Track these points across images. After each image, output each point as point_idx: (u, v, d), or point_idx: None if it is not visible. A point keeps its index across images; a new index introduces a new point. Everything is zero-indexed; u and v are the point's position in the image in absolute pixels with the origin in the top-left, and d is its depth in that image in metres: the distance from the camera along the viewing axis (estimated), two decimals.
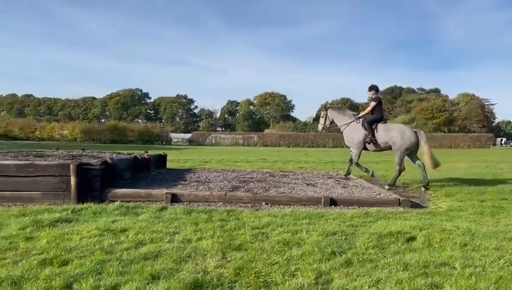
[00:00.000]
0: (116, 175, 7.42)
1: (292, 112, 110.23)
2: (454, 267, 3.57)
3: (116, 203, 6.05)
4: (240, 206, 6.32)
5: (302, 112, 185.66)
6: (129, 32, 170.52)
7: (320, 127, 10.16)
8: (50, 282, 3.01)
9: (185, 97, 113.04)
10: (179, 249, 3.88)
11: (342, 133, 9.76)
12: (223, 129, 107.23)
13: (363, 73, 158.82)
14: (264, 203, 6.51)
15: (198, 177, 9.10)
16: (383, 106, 9.69)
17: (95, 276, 3.15)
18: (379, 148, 9.20)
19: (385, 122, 9.44)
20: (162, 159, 11.50)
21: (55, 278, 3.06)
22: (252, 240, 4.28)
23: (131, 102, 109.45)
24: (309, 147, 58.52)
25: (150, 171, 9.76)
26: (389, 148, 9.19)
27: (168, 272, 3.28)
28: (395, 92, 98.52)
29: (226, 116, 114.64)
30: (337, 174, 10.22)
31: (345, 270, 3.45)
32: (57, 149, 12.04)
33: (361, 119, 9.39)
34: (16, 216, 5.08)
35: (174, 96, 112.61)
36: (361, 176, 10.08)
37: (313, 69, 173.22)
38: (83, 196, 6.28)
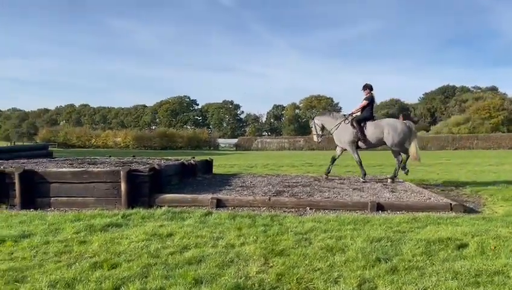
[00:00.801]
0: (164, 181, 7.65)
1: None
2: (508, 276, 3.37)
3: (163, 208, 6.25)
4: (284, 211, 6.31)
5: None
6: (177, 41, 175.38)
7: (315, 138, 10.19)
8: (100, 284, 3.16)
9: (232, 103, 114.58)
10: (222, 254, 3.94)
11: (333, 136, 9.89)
12: (269, 134, 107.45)
13: (414, 72, 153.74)
14: (308, 208, 6.46)
15: (243, 182, 9.19)
16: (374, 106, 9.76)
17: (141, 279, 3.27)
18: (371, 145, 9.36)
19: (374, 120, 9.51)
20: (208, 164, 11.72)
21: (104, 281, 3.21)
22: (295, 245, 4.27)
23: (180, 109, 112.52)
24: None
25: (196, 177, 9.97)
26: (382, 143, 9.32)
27: (211, 277, 3.34)
28: (448, 92, 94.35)
29: (271, 120, 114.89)
30: (385, 178, 9.95)
31: (390, 277, 3.35)
32: (110, 156, 12.60)
33: (349, 119, 9.52)
34: (71, 221, 5.38)
35: (221, 102, 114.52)
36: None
37: (360, 69, 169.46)
38: (132, 201, 6.54)
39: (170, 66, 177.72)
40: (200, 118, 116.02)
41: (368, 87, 9.53)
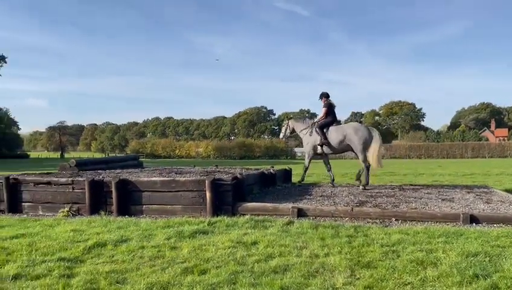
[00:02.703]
0: (246, 190, 7.82)
1: (423, 120, 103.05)
2: None
3: (246, 216, 6.39)
4: (368, 222, 6.13)
5: (435, 121, 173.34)
6: (254, 53, 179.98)
7: (281, 135, 10.89)
8: (192, 289, 3.32)
9: (308, 112, 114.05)
10: (307, 264, 3.92)
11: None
12: None
13: (506, 74, 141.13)
14: (393, 219, 6.21)
15: (324, 192, 9.08)
16: (334, 110, 9.94)
17: (230, 286, 3.38)
18: (335, 149, 9.65)
19: (337, 124, 9.86)
20: (287, 173, 11.76)
21: (196, 286, 3.37)
22: (382, 257, 4.12)
23: (258, 119, 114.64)
24: (443, 158, 53.89)
25: (276, 186, 10.06)
26: (346, 148, 9.56)
27: (297, 286, 3.35)
28: None
29: None
30: (478, 189, 9.24)
31: None
32: (194, 166, 13.20)
33: (314, 126, 9.84)
34: (162, 227, 5.71)
35: (298, 111, 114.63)
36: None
37: (445, 73, 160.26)
38: (217, 209, 6.78)
39: (248, 78, 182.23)
40: (277, 127, 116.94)
41: (324, 96, 9.93)
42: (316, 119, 10.16)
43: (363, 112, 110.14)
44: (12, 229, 5.74)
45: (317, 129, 9.67)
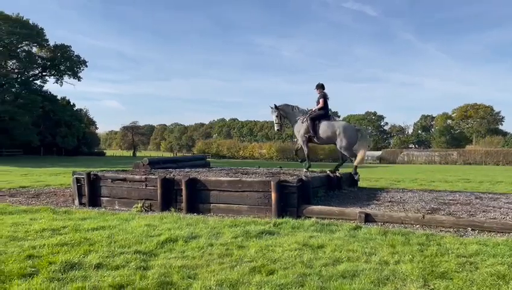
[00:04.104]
0: (311, 192, 7.77)
1: (501, 124, 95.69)
2: None
3: (312, 219, 6.35)
4: (441, 230, 5.83)
5: None
6: (319, 55, 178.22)
7: (276, 127, 10.48)
8: (260, 288, 3.37)
9: (375, 114, 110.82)
10: (376, 271, 3.82)
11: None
12: (417, 146, 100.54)
13: None
14: (469, 229, 5.84)
15: (392, 197, 8.77)
16: (328, 103, 9.99)
17: (298, 288, 3.38)
18: (323, 141, 9.95)
19: (329, 119, 9.92)
20: (353, 177, 11.50)
21: (264, 286, 3.41)
22: (458, 269, 3.90)
23: None
24: None
25: (341, 189, 9.89)
26: (331, 141, 9.81)
27: None
28: None
29: (419, 132, 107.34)
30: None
31: None
32: (259, 167, 13.33)
33: (307, 116, 9.87)
34: (229, 226, 5.85)
35: (364, 113, 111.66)
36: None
37: None
38: (281, 210, 6.80)
39: (312, 79, 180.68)
40: None
41: (320, 87, 9.97)
42: (313, 109, 10.03)
43: (434, 115, 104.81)
44: (93, 222, 6.18)
45: (308, 120, 9.80)
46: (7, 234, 5.26)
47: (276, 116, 10.54)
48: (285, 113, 10.46)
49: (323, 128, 9.69)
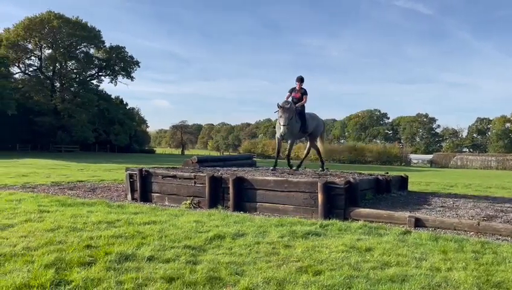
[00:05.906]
0: (359, 195, 7.64)
1: None
2: None
3: (359, 222, 6.25)
4: (497, 238, 5.55)
5: None
6: (369, 54, 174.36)
7: (284, 129, 9.04)
8: (307, 288, 3.38)
9: (426, 116, 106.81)
10: (427, 277, 3.71)
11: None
12: (471, 150, 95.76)
13: None
14: None
15: (444, 203, 8.45)
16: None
17: (345, 289, 3.35)
18: (302, 137, 10.30)
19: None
20: (403, 181, 11.18)
21: (310, 286, 3.42)
22: None
23: (370, 122, 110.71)
24: None
25: (390, 193, 9.65)
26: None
27: None
28: None
29: (474, 135, 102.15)
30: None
31: None
32: (305, 168, 13.28)
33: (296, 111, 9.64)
34: (275, 225, 5.89)
35: (414, 115, 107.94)
36: None
37: None
38: (328, 212, 6.75)
39: (361, 80, 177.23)
40: (391, 131, 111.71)
41: (300, 80, 9.84)
42: (300, 104, 9.74)
43: (490, 118, 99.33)
44: (145, 216, 6.44)
45: (297, 117, 9.56)
46: (67, 225, 5.60)
47: (283, 113, 9.16)
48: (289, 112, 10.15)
49: (310, 121, 10.02)
